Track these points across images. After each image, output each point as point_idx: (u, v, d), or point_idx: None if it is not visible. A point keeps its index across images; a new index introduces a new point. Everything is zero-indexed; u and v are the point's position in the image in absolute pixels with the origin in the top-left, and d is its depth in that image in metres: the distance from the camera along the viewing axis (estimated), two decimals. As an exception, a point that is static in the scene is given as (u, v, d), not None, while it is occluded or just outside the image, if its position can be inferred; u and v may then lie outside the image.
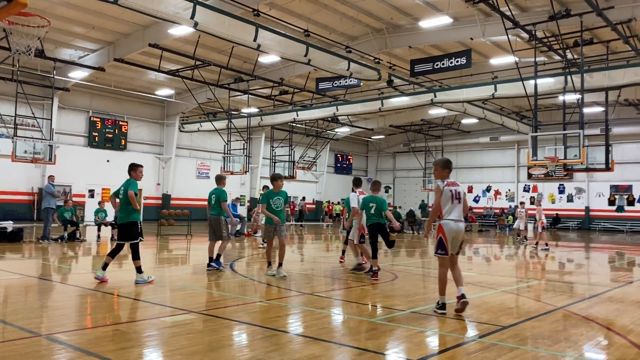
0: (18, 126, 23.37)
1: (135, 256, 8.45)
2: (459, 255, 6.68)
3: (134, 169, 8.66)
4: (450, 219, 6.46)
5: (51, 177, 16.32)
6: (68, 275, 10.07)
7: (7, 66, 21.88)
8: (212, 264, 10.08)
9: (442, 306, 6.43)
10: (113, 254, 8.53)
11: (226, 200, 10.33)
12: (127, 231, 8.51)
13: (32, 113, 24.26)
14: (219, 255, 10.22)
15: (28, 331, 5.24)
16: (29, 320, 5.84)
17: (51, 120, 25.44)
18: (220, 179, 10.67)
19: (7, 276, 9.25)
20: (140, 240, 8.97)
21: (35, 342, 4.88)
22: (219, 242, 10.36)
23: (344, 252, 12.38)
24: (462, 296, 6.40)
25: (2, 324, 5.68)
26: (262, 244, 14.55)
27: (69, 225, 16.24)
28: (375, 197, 9.76)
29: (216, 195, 10.26)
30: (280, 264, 9.33)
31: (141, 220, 8.81)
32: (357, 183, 10.94)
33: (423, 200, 39.74)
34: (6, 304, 6.97)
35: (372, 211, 9.61)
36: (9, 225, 15.58)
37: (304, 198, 41.40)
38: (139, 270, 8.41)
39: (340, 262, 11.98)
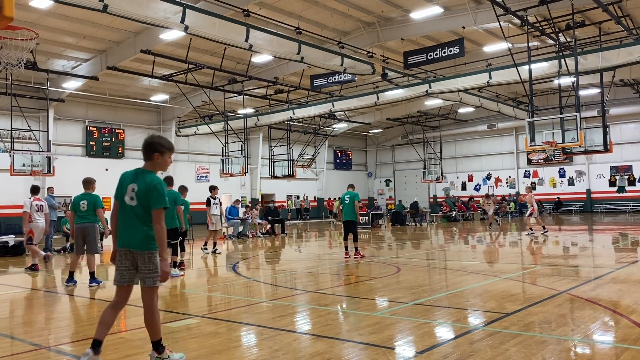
0: (15, 140, 23.38)
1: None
2: None
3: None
4: None
5: (51, 189, 16.27)
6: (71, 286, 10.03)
7: (0, 80, 21.87)
8: (91, 282, 8.94)
9: None
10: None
11: (103, 207, 9.30)
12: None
13: (28, 126, 24.27)
14: (93, 272, 9.07)
15: (34, 344, 5.24)
16: (34, 333, 5.85)
17: (47, 131, 25.45)
18: (90, 183, 9.48)
19: (10, 290, 9.26)
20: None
21: (42, 355, 4.89)
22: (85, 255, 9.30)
23: (346, 248, 12.43)
24: None
25: (9, 338, 5.69)
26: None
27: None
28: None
29: (89, 202, 9.22)
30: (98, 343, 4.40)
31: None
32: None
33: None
34: (12, 318, 6.99)
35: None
36: (11, 239, 15.52)
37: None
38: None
39: (346, 257, 12.07)
